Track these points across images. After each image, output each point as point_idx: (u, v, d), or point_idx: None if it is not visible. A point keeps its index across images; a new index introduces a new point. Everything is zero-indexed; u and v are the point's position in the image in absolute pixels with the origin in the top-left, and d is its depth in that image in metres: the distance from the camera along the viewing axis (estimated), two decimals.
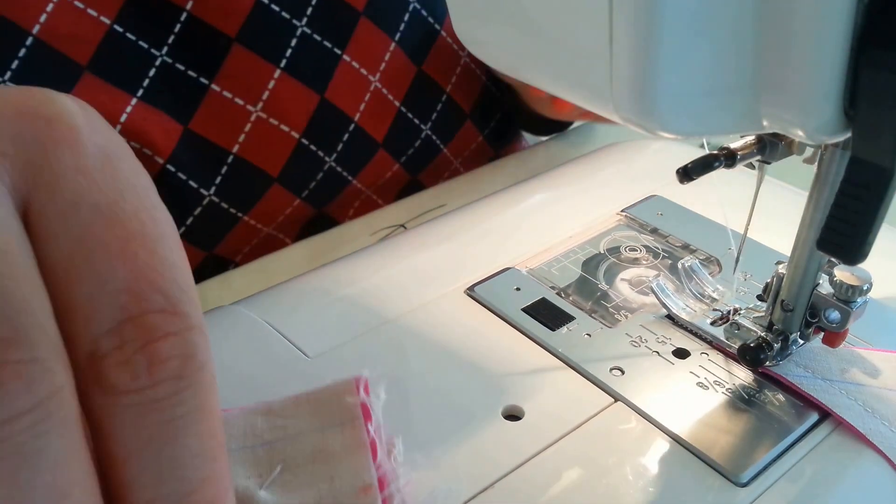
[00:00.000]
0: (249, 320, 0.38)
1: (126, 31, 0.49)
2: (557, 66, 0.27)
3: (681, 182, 0.30)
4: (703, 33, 0.23)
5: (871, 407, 0.33)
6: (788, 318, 0.34)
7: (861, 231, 0.26)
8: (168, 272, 0.20)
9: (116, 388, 0.19)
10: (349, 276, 0.42)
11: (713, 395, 0.34)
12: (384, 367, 0.35)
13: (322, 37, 0.54)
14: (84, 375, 0.19)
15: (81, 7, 0.47)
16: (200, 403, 0.20)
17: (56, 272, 0.19)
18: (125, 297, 0.19)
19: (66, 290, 0.19)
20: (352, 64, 0.55)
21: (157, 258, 0.20)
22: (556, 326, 0.38)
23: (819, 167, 0.31)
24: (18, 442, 0.17)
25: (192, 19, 0.50)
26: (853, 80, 0.23)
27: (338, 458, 0.30)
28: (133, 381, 0.19)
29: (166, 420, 0.19)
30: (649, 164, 0.53)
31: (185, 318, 0.20)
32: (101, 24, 0.48)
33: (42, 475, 0.18)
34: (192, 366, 0.20)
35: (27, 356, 0.17)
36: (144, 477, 0.19)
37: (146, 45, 0.49)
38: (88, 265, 0.19)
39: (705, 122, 0.25)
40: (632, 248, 0.44)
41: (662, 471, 0.31)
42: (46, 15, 0.46)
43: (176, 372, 0.19)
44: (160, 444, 0.19)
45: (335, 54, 0.55)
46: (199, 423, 0.20)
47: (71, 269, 0.19)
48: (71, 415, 0.18)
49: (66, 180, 0.20)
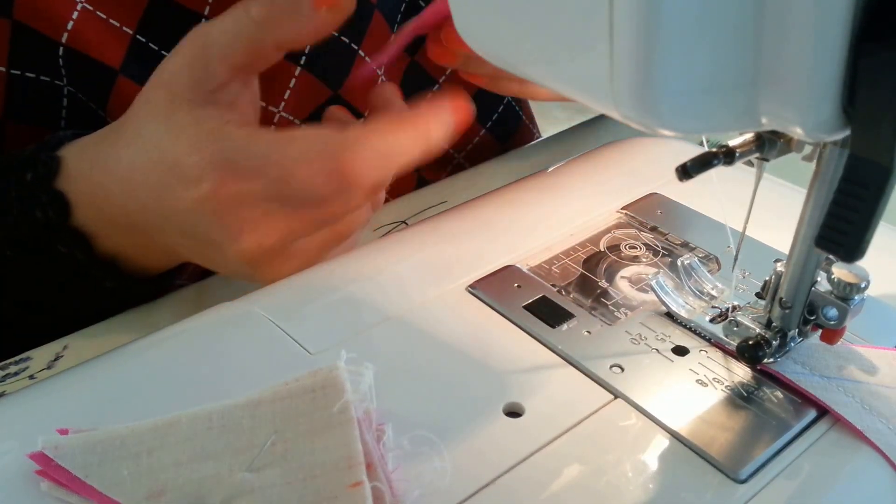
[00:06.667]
0: (252, 317, 0.38)
1: (148, 41, 0.49)
2: (558, 64, 0.27)
3: (680, 180, 0.30)
4: (703, 31, 0.23)
5: (869, 404, 0.33)
6: (787, 316, 0.35)
7: (859, 228, 0.26)
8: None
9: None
10: (351, 273, 0.42)
11: (712, 391, 0.35)
12: (385, 363, 0.35)
13: (339, 32, 0.54)
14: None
15: (104, 17, 0.48)
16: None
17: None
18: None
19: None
20: (366, 59, 0.55)
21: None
22: (557, 324, 0.38)
23: (818, 165, 0.31)
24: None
25: None
26: (852, 78, 0.23)
27: (324, 434, 0.30)
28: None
29: None
30: (649, 162, 0.53)
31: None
32: (125, 34, 0.49)
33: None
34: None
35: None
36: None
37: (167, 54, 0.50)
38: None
39: (705, 120, 0.25)
40: (632, 246, 0.44)
41: (662, 467, 0.31)
42: (73, 22, 0.47)
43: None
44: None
45: (352, 49, 0.55)
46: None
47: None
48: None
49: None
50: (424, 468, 0.31)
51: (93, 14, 0.48)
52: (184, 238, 0.42)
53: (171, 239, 0.43)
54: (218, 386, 0.34)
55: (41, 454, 0.30)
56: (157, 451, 0.31)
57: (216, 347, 0.37)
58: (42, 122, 0.51)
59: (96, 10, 0.48)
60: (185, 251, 0.44)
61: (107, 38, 0.49)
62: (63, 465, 0.30)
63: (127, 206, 0.42)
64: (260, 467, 0.30)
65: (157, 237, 0.43)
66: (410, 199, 0.58)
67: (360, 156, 0.39)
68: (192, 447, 0.31)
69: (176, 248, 0.44)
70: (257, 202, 0.40)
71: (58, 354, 0.44)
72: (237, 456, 0.30)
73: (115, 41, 0.49)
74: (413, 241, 0.45)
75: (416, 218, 0.55)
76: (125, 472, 0.30)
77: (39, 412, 0.34)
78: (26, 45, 0.48)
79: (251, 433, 0.31)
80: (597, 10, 0.24)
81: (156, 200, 0.41)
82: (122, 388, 0.35)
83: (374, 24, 0.56)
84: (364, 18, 0.55)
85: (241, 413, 0.32)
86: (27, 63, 0.48)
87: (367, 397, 0.32)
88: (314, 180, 0.39)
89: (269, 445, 0.30)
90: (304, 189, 0.40)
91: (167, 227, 0.42)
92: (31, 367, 0.43)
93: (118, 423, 0.32)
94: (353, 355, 0.33)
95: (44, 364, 0.44)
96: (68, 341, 0.45)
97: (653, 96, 0.24)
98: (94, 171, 0.43)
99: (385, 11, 0.57)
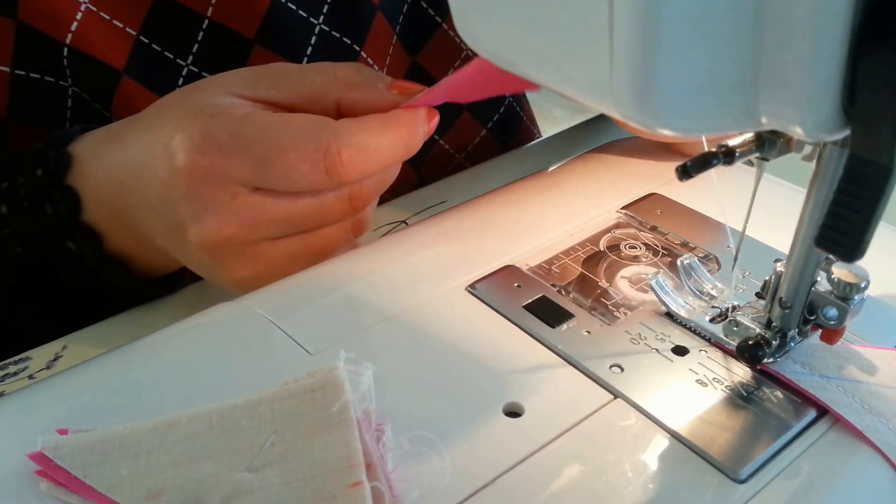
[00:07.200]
0: (252, 317, 0.38)
1: (152, 42, 0.50)
2: (558, 63, 0.27)
3: (680, 179, 0.30)
4: (703, 31, 0.23)
5: (869, 404, 0.33)
6: (787, 316, 0.35)
7: (859, 228, 0.26)
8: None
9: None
10: (350, 273, 0.42)
11: (712, 391, 0.35)
12: (385, 363, 0.35)
13: (341, 33, 0.54)
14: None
15: (107, 18, 0.48)
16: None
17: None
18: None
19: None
20: (367, 60, 0.55)
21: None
22: (557, 324, 0.38)
23: (818, 164, 0.31)
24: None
25: (214, 25, 0.50)
26: (852, 78, 0.23)
27: (323, 434, 0.30)
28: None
29: None
30: (649, 162, 0.53)
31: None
32: (129, 34, 0.49)
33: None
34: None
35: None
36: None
37: (172, 56, 0.50)
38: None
39: (705, 120, 0.25)
40: (631, 246, 0.44)
41: (661, 467, 0.31)
42: (77, 23, 0.47)
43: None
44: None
45: (354, 50, 0.55)
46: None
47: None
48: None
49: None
50: (424, 468, 0.31)
51: (96, 15, 0.48)
52: (157, 220, 0.42)
53: (148, 223, 0.42)
54: (217, 386, 0.34)
55: (40, 454, 0.30)
56: (157, 452, 0.31)
57: (216, 347, 0.37)
58: (46, 122, 0.51)
59: (100, 10, 0.48)
60: (161, 239, 0.43)
61: (110, 39, 0.49)
62: (62, 465, 0.30)
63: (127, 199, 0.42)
64: (259, 467, 0.30)
65: (142, 224, 0.43)
66: (410, 199, 0.58)
67: (346, 148, 0.39)
68: (192, 447, 0.31)
69: (152, 236, 0.43)
70: (229, 183, 0.39)
71: (57, 354, 0.44)
72: (236, 456, 0.30)
73: (119, 42, 0.49)
74: (413, 241, 0.45)
75: (416, 218, 0.55)
76: (124, 472, 0.30)
77: (39, 412, 0.34)
78: (30, 45, 0.48)
79: (250, 433, 0.31)
80: (597, 10, 0.24)
81: (137, 178, 0.41)
82: (122, 388, 0.35)
83: (377, 24, 0.56)
84: (366, 19, 0.55)
85: (241, 413, 0.32)
86: (31, 63, 0.48)
87: (366, 397, 0.32)
88: (298, 167, 0.39)
89: (268, 445, 0.30)
90: (286, 173, 0.39)
91: (144, 207, 0.42)
92: (31, 367, 0.43)
93: (117, 423, 0.32)
94: (352, 355, 0.33)
95: (43, 364, 0.44)
96: (67, 341, 0.45)
97: (652, 96, 0.24)
98: (102, 168, 0.43)
99: (387, 12, 0.57)
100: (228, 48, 0.52)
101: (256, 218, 0.40)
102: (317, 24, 0.53)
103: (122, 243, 0.45)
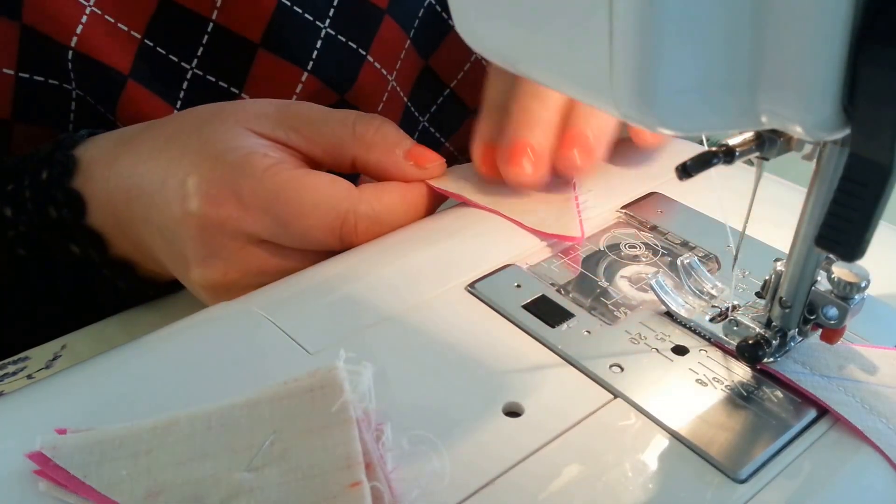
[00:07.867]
0: (250, 316, 0.38)
1: (156, 45, 0.50)
2: (558, 62, 0.27)
3: (680, 179, 0.30)
4: (703, 31, 0.23)
5: (869, 404, 0.33)
6: (787, 315, 0.35)
7: (859, 227, 0.26)
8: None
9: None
10: (350, 273, 0.42)
11: (712, 391, 0.35)
12: (384, 363, 0.35)
13: (347, 37, 0.54)
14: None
15: (112, 21, 0.48)
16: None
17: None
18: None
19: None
20: (374, 64, 0.55)
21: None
22: (556, 323, 0.38)
23: (818, 164, 0.31)
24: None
25: (218, 28, 0.50)
26: (852, 77, 0.23)
27: (323, 434, 0.30)
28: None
29: None
30: (649, 162, 0.53)
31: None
32: (133, 38, 0.49)
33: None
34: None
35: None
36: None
37: (176, 59, 0.50)
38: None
39: (705, 119, 0.25)
40: (631, 246, 0.44)
41: (661, 467, 0.31)
42: (81, 26, 0.47)
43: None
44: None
45: (360, 55, 0.55)
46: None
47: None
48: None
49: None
50: (423, 468, 0.31)
51: (101, 18, 0.48)
52: (163, 242, 0.42)
53: (152, 239, 0.43)
54: (217, 386, 0.34)
55: (39, 454, 0.30)
56: (156, 451, 0.31)
57: (215, 347, 0.37)
58: (51, 126, 0.51)
59: (104, 14, 0.48)
60: (163, 257, 0.44)
61: (115, 43, 0.49)
62: (61, 464, 0.30)
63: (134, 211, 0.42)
64: (258, 467, 0.30)
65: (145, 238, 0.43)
66: None
67: (364, 220, 0.41)
68: (191, 447, 0.31)
69: (154, 251, 0.44)
70: (241, 235, 0.40)
71: (56, 354, 0.44)
72: (236, 456, 0.30)
73: (124, 45, 0.49)
74: (412, 241, 0.45)
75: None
76: (124, 472, 0.30)
77: (37, 412, 0.34)
78: (35, 48, 0.48)
79: (250, 433, 0.31)
80: (597, 9, 0.24)
81: (148, 198, 0.41)
82: (121, 387, 0.35)
83: (385, 29, 0.56)
84: (373, 23, 0.55)
85: (240, 413, 0.32)
86: (36, 67, 0.48)
87: (365, 397, 0.32)
88: (314, 232, 0.40)
89: (267, 445, 0.30)
90: (302, 235, 0.40)
91: (151, 225, 0.42)
92: (30, 367, 0.43)
93: (117, 422, 0.32)
94: (352, 355, 0.33)
95: (42, 364, 0.44)
96: (66, 341, 0.45)
97: (652, 96, 0.24)
98: (112, 174, 0.43)
99: (398, 17, 0.56)
100: (233, 52, 0.51)
101: (263, 267, 0.41)
102: (323, 28, 0.53)
103: (126, 249, 0.45)
